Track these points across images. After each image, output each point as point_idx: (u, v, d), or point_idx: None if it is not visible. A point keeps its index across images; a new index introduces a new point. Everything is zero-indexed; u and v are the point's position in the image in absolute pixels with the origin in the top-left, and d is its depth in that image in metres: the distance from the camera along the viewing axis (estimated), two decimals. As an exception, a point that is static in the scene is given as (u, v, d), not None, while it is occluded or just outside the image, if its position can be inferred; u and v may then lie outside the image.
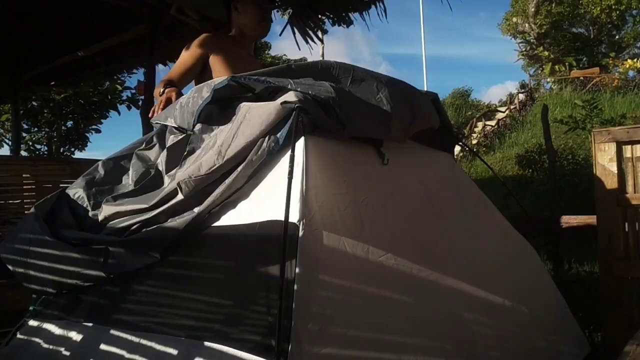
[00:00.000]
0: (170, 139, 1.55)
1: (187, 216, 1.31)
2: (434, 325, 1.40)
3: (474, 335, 1.52)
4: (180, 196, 1.33)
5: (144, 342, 1.24)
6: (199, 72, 2.03)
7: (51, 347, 1.38)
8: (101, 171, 1.68)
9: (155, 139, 1.68)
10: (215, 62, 2.01)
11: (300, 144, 1.23)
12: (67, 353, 1.34)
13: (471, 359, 1.48)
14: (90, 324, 1.37)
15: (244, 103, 1.33)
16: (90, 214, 1.56)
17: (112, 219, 1.48)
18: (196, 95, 1.49)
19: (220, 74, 1.91)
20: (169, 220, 1.35)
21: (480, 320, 1.58)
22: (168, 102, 1.77)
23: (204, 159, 1.31)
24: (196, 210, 1.30)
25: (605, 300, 2.31)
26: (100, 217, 1.50)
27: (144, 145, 1.69)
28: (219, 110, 1.43)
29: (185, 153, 1.44)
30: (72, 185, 1.68)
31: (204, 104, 1.43)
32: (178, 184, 1.32)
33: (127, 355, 1.24)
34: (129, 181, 1.62)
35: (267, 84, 1.34)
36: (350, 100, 1.38)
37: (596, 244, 2.36)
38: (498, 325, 1.65)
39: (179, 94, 1.83)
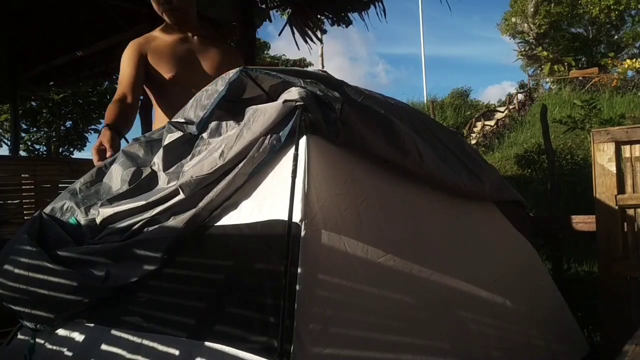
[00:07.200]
0: (168, 137, 1.54)
1: (186, 214, 1.30)
2: (435, 326, 1.41)
3: (473, 335, 1.53)
4: (181, 195, 1.33)
5: (145, 342, 1.24)
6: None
7: (54, 347, 1.38)
8: (82, 180, 1.67)
9: (142, 138, 1.66)
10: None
11: (302, 142, 1.23)
12: (70, 353, 1.34)
13: (471, 359, 1.48)
14: (92, 325, 1.37)
15: (251, 106, 1.32)
16: (85, 219, 1.54)
17: (110, 220, 1.47)
18: (210, 88, 1.47)
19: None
20: (169, 220, 1.35)
21: (480, 320, 1.58)
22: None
23: (206, 160, 1.31)
24: (195, 207, 1.29)
25: (604, 300, 2.32)
26: (98, 220, 1.49)
27: (131, 142, 1.68)
28: (227, 114, 1.42)
29: (190, 155, 1.43)
30: (54, 201, 1.64)
31: (218, 97, 1.39)
32: (180, 186, 1.31)
33: (128, 355, 1.24)
34: (114, 180, 1.59)
35: (277, 78, 1.33)
36: (357, 113, 1.35)
37: (595, 244, 2.36)
38: (497, 325, 1.65)
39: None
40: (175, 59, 2.02)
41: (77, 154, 10.82)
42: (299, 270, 1.11)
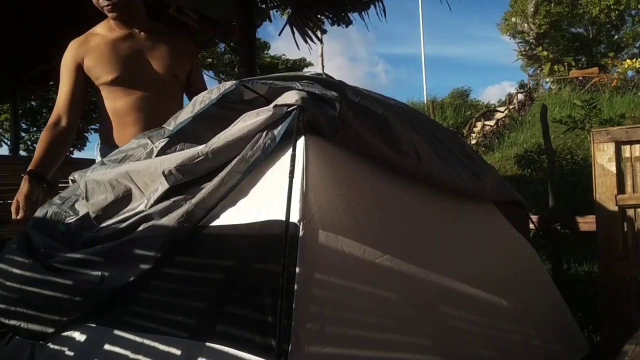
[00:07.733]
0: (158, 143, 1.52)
1: (178, 210, 1.29)
2: (432, 326, 1.41)
3: (470, 335, 1.53)
4: (165, 184, 1.32)
5: (147, 342, 1.24)
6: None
7: (55, 347, 1.37)
8: (58, 196, 1.65)
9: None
10: None
11: (300, 143, 1.23)
12: (71, 353, 1.33)
13: (468, 359, 1.48)
14: (94, 325, 1.36)
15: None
16: (75, 217, 1.52)
17: (105, 212, 1.45)
18: (206, 95, 1.47)
19: None
20: (163, 219, 1.33)
21: (478, 320, 1.58)
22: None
23: (190, 149, 1.30)
24: (187, 204, 1.28)
25: (604, 300, 2.32)
26: (93, 214, 1.47)
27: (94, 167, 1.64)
28: (224, 111, 1.42)
29: (177, 147, 1.41)
30: (36, 213, 1.61)
31: (208, 105, 1.40)
32: (163, 171, 1.30)
33: (130, 355, 1.24)
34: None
35: (274, 86, 1.33)
36: (355, 114, 1.35)
37: (595, 244, 2.36)
38: (496, 325, 1.65)
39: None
40: (118, 59, 1.86)
41: (77, 154, 10.80)
42: (297, 270, 1.12)
